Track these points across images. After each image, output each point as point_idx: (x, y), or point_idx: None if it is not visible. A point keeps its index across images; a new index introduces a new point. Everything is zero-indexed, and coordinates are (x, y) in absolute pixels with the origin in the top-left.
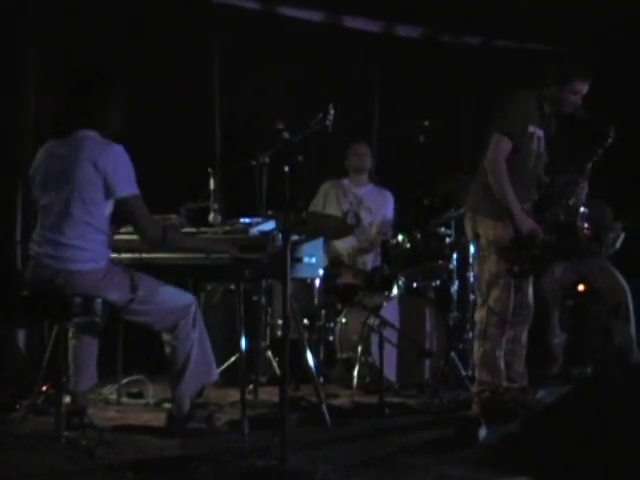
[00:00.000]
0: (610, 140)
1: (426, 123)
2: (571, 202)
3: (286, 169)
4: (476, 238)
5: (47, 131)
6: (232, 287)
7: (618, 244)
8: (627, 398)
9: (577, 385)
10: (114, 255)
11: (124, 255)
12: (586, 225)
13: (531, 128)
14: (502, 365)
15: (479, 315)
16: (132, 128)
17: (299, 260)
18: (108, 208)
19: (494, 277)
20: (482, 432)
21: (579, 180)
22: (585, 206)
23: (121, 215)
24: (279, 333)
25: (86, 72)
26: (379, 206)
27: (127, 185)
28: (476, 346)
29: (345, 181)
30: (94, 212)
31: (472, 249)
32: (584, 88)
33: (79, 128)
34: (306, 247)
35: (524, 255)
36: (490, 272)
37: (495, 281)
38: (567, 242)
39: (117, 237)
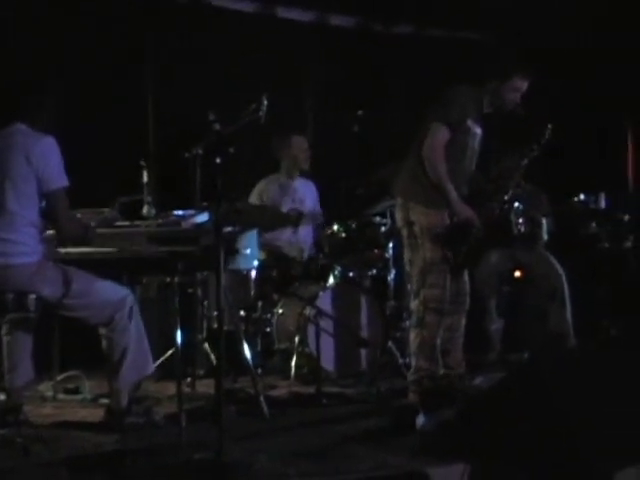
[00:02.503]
0: (546, 137)
1: (359, 113)
2: (506, 197)
3: (217, 160)
4: (408, 225)
5: None
6: (168, 280)
7: (544, 234)
8: (561, 383)
9: (511, 371)
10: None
11: (57, 250)
12: (521, 220)
13: (469, 122)
14: (439, 352)
15: (415, 303)
16: (65, 121)
17: (235, 252)
18: (41, 201)
19: (429, 264)
20: (420, 420)
21: (515, 176)
22: (522, 195)
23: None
24: (216, 325)
25: (18, 68)
26: (309, 197)
27: (57, 178)
28: (413, 334)
29: (281, 177)
30: (27, 205)
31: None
32: (523, 85)
33: (10, 122)
34: (241, 238)
35: (458, 246)
36: (425, 259)
37: (430, 268)
38: (500, 236)
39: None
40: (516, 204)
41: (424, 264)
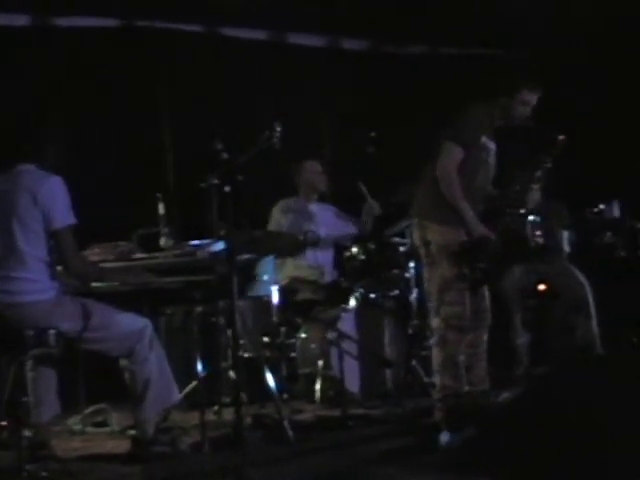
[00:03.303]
0: (559, 149)
1: (372, 134)
2: (522, 211)
3: (226, 189)
4: (425, 245)
5: None
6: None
7: (566, 246)
8: (580, 394)
9: (530, 385)
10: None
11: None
12: (538, 232)
13: (483, 139)
14: (463, 369)
15: (436, 322)
16: (80, 155)
17: (253, 278)
18: (49, 239)
19: (446, 282)
20: (444, 437)
21: (529, 189)
22: (541, 208)
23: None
24: (240, 353)
25: (22, 105)
26: (326, 221)
27: (63, 217)
28: (435, 352)
29: (298, 201)
30: (38, 244)
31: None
32: (533, 99)
33: (17, 163)
34: (258, 265)
35: (475, 263)
36: (443, 278)
37: (448, 286)
38: (517, 252)
39: None
40: (531, 217)
41: (442, 282)
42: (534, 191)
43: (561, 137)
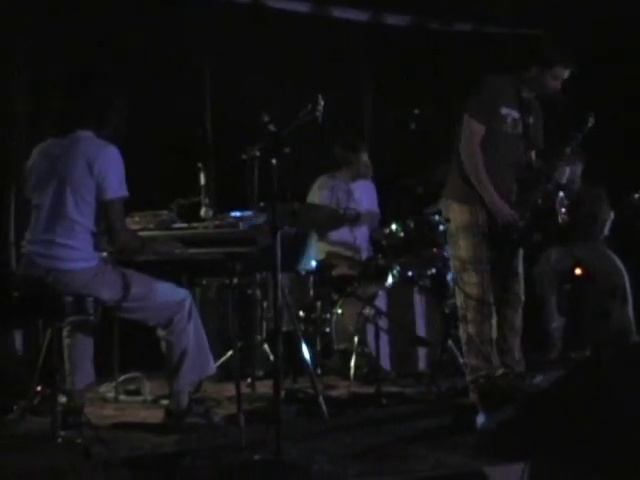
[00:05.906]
0: (589, 126)
1: (416, 111)
2: (550, 187)
3: (273, 162)
4: (447, 222)
5: (42, 130)
6: (227, 281)
7: (606, 230)
8: (622, 380)
9: (572, 369)
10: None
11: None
12: (563, 210)
13: (504, 110)
14: (492, 349)
15: (458, 301)
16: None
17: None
18: (99, 210)
19: (464, 263)
20: (479, 419)
21: (557, 164)
22: (580, 191)
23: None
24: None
25: (86, 71)
26: (366, 198)
27: (116, 188)
28: (461, 331)
29: (342, 177)
30: (88, 214)
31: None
32: (565, 74)
33: (76, 128)
34: None
35: (501, 244)
36: (459, 258)
37: (465, 267)
38: (547, 226)
39: None
40: (560, 194)
41: (459, 263)
42: (563, 167)
43: (591, 117)
